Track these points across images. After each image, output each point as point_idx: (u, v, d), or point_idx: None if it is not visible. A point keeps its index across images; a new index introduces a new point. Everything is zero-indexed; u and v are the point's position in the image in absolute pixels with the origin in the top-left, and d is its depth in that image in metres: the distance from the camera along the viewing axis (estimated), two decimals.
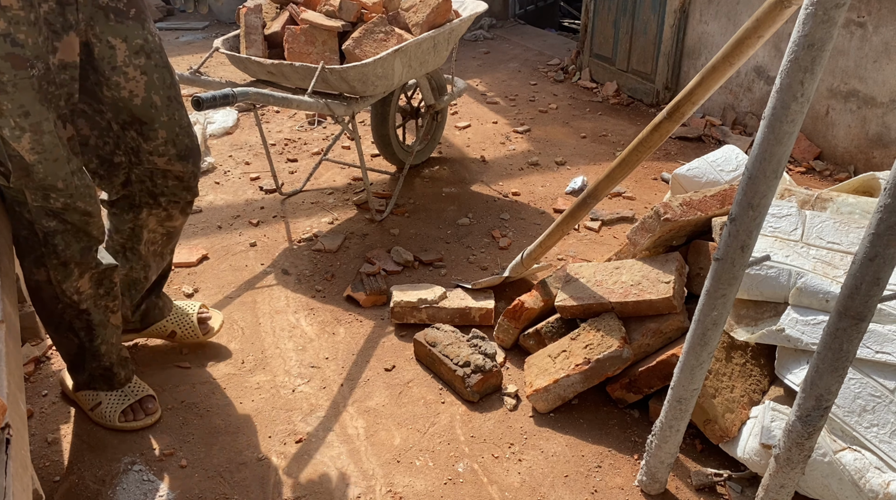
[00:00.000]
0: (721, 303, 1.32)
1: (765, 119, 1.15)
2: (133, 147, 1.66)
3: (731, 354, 1.73)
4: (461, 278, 2.45)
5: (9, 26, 1.28)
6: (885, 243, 1.06)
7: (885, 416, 1.53)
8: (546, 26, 6.02)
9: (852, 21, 3.05)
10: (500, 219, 2.87)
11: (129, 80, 1.55)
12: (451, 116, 3.97)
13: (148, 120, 1.61)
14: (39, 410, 1.87)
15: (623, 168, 1.78)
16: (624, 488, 1.67)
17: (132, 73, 1.55)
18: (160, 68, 1.60)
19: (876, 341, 1.59)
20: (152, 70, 1.58)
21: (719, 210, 1.92)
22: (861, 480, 1.48)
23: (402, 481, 1.68)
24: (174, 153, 1.69)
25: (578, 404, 1.91)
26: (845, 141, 3.21)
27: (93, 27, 1.47)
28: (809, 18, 1.06)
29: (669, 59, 3.98)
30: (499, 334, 2.12)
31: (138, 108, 1.59)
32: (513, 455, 1.76)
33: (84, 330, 1.71)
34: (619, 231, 2.79)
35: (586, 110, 4.10)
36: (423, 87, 2.94)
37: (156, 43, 1.59)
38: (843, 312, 1.14)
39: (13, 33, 1.29)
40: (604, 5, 4.33)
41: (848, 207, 1.89)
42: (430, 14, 2.59)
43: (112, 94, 1.56)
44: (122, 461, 1.72)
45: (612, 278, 1.96)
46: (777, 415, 1.56)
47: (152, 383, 1.97)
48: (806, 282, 1.66)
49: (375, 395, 1.95)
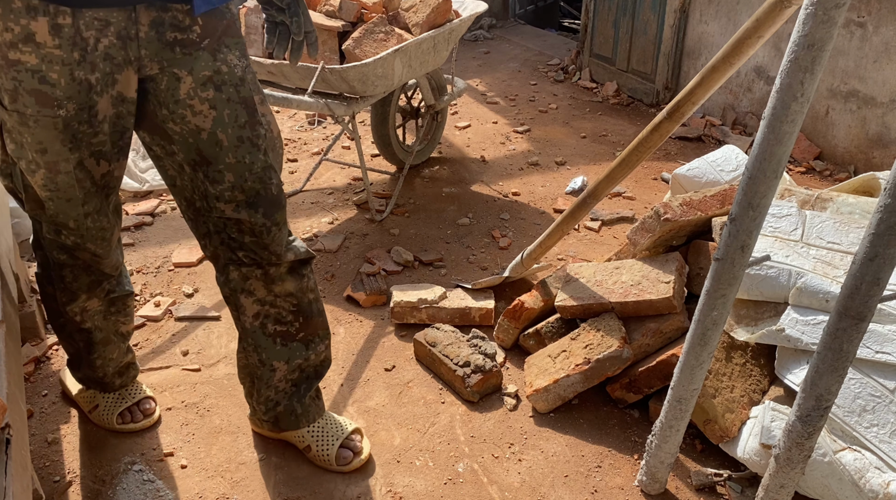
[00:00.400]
0: (721, 303, 1.32)
1: (765, 119, 1.15)
2: (202, 191, 1.44)
3: (731, 354, 1.73)
4: (461, 278, 2.45)
5: (41, 63, 1.18)
6: (885, 243, 1.06)
7: (885, 416, 1.53)
8: (546, 26, 6.01)
9: (852, 21, 3.06)
10: (500, 219, 2.87)
11: (196, 114, 1.35)
12: (451, 116, 3.97)
13: (213, 159, 1.39)
14: (39, 410, 1.87)
15: (623, 168, 1.78)
16: (624, 488, 1.67)
17: (198, 107, 1.35)
18: (233, 104, 1.37)
19: (876, 341, 1.59)
20: (223, 105, 1.36)
21: (719, 210, 1.92)
22: (861, 480, 1.48)
23: (402, 481, 1.68)
24: (242, 200, 1.42)
25: (578, 405, 1.91)
26: (845, 141, 3.21)
27: (159, 61, 1.30)
28: (809, 18, 1.06)
29: (669, 59, 3.98)
30: (499, 334, 2.12)
31: (204, 144, 1.38)
32: (513, 455, 1.76)
33: (83, 343, 1.67)
34: (619, 231, 2.79)
35: (586, 110, 4.10)
36: (423, 87, 2.94)
37: (232, 75, 1.36)
38: (843, 312, 1.14)
39: (44, 71, 1.19)
40: (604, 5, 4.33)
41: (848, 207, 1.89)
42: (430, 14, 2.59)
43: (179, 128, 1.36)
44: (122, 461, 1.72)
45: (612, 278, 1.96)
46: (777, 415, 1.56)
47: (152, 382, 1.97)
48: (806, 282, 1.65)
49: (375, 395, 1.95)
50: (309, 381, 1.68)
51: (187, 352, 2.10)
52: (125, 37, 1.23)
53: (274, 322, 1.58)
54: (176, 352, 2.10)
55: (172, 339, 2.16)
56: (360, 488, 1.66)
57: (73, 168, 1.31)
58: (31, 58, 1.17)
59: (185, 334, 2.18)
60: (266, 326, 1.58)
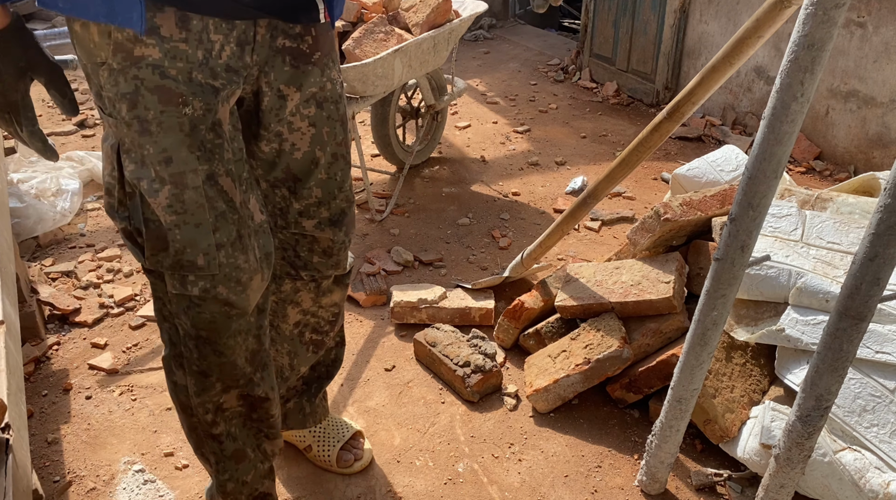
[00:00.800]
0: (721, 303, 1.32)
1: (765, 119, 1.15)
2: (281, 207, 1.36)
3: (731, 354, 1.73)
4: (461, 278, 2.45)
5: (164, 58, 1.04)
6: (885, 243, 1.06)
7: (885, 416, 1.53)
8: (546, 26, 6.01)
9: (852, 21, 3.06)
10: (500, 219, 2.87)
11: (294, 132, 1.26)
12: (451, 116, 3.97)
13: (303, 176, 1.31)
14: (39, 410, 1.87)
15: (623, 168, 1.78)
16: (624, 488, 1.67)
17: (298, 124, 1.26)
18: (332, 121, 1.29)
19: (876, 341, 1.59)
20: (322, 122, 1.28)
21: (719, 210, 1.92)
22: (861, 480, 1.48)
23: (402, 481, 1.68)
24: (326, 217, 1.37)
25: (578, 405, 1.91)
26: (845, 141, 3.21)
27: (266, 73, 1.18)
28: (809, 18, 1.06)
29: (669, 60, 3.98)
30: (499, 334, 2.12)
31: (296, 163, 1.29)
32: (513, 455, 1.76)
33: (213, 455, 1.35)
34: (619, 231, 2.79)
35: (586, 110, 4.10)
36: (423, 87, 2.94)
37: (334, 92, 1.28)
38: (843, 312, 1.14)
39: (166, 66, 1.05)
40: (604, 5, 4.33)
41: (848, 207, 1.89)
42: (430, 14, 2.59)
43: (270, 148, 1.27)
44: (122, 461, 1.72)
45: (612, 278, 1.96)
46: (777, 415, 1.56)
47: (152, 382, 1.97)
48: (806, 282, 1.66)
49: (375, 395, 1.95)
50: (320, 381, 1.65)
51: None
52: (243, 41, 1.12)
53: (312, 331, 1.54)
54: None
55: None
56: (359, 488, 1.66)
57: (203, 182, 1.12)
58: (154, 51, 1.04)
59: None
60: (304, 334, 1.54)
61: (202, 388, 1.26)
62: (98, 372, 2.01)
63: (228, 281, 1.17)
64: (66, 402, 1.90)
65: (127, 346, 2.11)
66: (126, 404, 1.91)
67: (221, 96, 1.11)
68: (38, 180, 2.69)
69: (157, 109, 1.06)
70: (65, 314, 2.22)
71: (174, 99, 1.07)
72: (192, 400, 1.28)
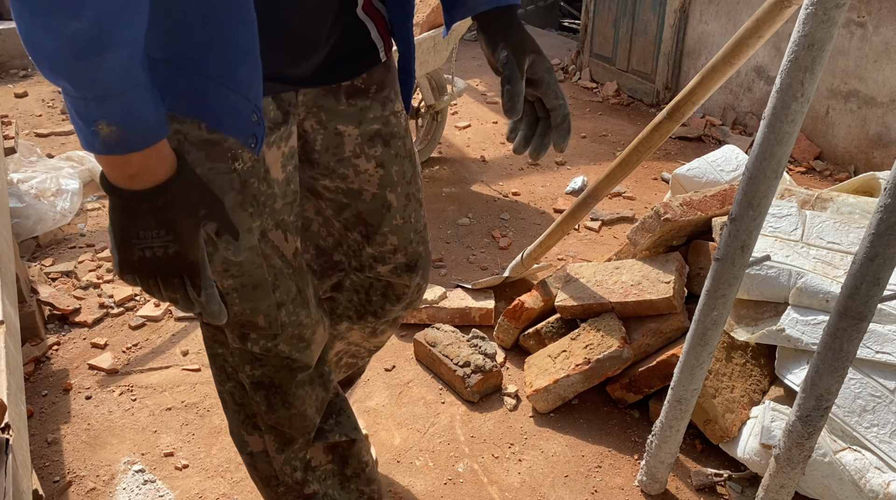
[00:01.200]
0: (721, 303, 1.32)
1: (765, 119, 1.15)
2: (355, 249, 1.26)
3: (731, 354, 1.73)
4: (461, 278, 2.45)
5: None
6: (885, 243, 1.06)
7: (885, 416, 1.53)
8: (546, 26, 6.01)
9: (852, 21, 3.06)
10: (500, 219, 2.86)
11: (360, 174, 1.16)
12: (451, 116, 3.97)
13: (376, 222, 1.21)
14: (39, 410, 1.87)
15: (623, 168, 1.78)
16: (624, 488, 1.67)
17: (364, 166, 1.15)
18: (401, 159, 1.19)
19: (876, 341, 1.59)
20: (391, 161, 1.17)
21: (719, 210, 1.92)
22: (861, 480, 1.48)
23: (402, 481, 1.68)
24: (403, 263, 1.27)
25: (578, 405, 1.91)
26: (845, 141, 3.21)
27: (317, 113, 1.09)
28: (809, 18, 1.06)
29: (669, 59, 3.98)
30: (499, 334, 2.12)
31: (366, 206, 1.20)
32: (513, 455, 1.76)
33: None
34: (619, 231, 2.79)
35: (586, 110, 4.10)
36: (423, 87, 2.94)
37: (399, 126, 1.17)
38: (843, 312, 1.14)
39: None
40: (604, 5, 4.33)
41: (848, 207, 1.89)
42: (430, 14, 2.59)
43: (335, 185, 1.17)
44: (122, 461, 1.72)
45: (612, 278, 1.96)
46: (777, 415, 1.56)
47: (152, 382, 1.97)
48: (806, 282, 1.65)
49: (375, 395, 1.95)
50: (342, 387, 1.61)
51: (187, 352, 2.10)
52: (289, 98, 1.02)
53: (350, 357, 1.48)
54: (176, 352, 2.10)
55: (172, 339, 2.16)
56: None
57: (258, 241, 1.02)
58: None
59: (185, 334, 2.18)
60: (342, 359, 1.47)
61: (284, 442, 1.17)
62: (98, 372, 2.01)
63: (291, 339, 1.11)
64: (66, 402, 1.90)
65: (127, 346, 2.11)
66: (126, 404, 1.91)
67: (270, 141, 1.00)
68: (38, 180, 2.69)
69: (204, 166, 0.94)
70: (65, 314, 2.22)
71: (222, 154, 0.95)
72: (276, 462, 1.18)
